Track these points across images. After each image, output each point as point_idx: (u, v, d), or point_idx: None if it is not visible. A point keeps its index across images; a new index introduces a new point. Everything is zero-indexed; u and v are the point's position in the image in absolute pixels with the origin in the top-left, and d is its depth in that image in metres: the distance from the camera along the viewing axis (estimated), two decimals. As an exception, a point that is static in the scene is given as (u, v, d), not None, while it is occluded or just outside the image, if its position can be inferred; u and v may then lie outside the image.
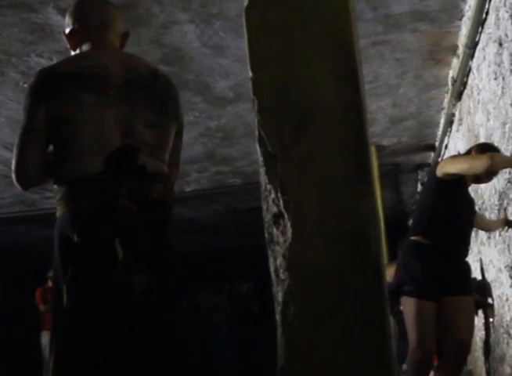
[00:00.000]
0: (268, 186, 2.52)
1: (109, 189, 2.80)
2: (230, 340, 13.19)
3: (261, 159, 2.55)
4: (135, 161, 2.85)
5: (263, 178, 2.54)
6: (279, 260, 2.51)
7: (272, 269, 2.54)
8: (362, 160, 2.51)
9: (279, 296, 2.51)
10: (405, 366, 8.57)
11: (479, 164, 4.42)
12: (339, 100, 2.54)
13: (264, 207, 2.55)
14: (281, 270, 2.50)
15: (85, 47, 3.09)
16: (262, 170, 2.55)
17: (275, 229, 2.53)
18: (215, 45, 5.70)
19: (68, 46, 3.17)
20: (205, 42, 5.64)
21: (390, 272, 6.23)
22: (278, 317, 2.51)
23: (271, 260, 2.54)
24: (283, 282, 2.50)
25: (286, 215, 2.49)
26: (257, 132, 2.54)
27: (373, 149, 9.01)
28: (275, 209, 2.52)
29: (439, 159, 9.10)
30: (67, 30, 3.15)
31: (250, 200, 11.28)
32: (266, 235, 2.55)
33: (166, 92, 3.05)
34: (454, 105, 6.99)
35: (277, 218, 2.52)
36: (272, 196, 2.52)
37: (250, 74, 2.59)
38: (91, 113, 2.85)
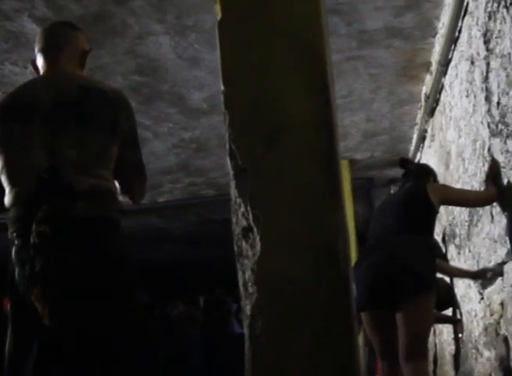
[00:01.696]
0: (238, 200, 2.53)
1: (27, 214, 2.89)
2: (204, 351, 13.13)
3: (231, 172, 2.56)
4: (58, 182, 2.90)
5: (233, 192, 2.55)
6: (248, 273, 2.51)
7: (240, 283, 2.54)
8: (332, 175, 2.52)
9: (247, 309, 2.51)
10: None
11: (482, 202, 4.51)
12: (310, 114, 2.55)
13: (233, 220, 2.56)
14: (249, 284, 2.51)
15: (42, 73, 3.22)
16: (232, 183, 2.56)
17: (244, 243, 2.53)
18: (190, 56, 5.71)
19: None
20: (180, 54, 5.65)
21: None
22: (246, 331, 2.52)
23: (240, 274, 2.54)
24: (252, 295, 2.50)
25: (255, 229, 2.50)
26: (227, 146, 2.55)
27: (346, 163, 9.04)
28: (244, 223, 2.53)
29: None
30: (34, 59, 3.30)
31: (224, 212, 11.21)
32: (235, 248, 2.55)
33: (99, 107, 3.04)
34: (427, 121, 7.04)
35: (246, 231, 2.53)
36: (242, 209, 2.53)
37: (222, 87, 2.61)
38: (18, 142, 3.00)
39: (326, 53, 2.63)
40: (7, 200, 3.00)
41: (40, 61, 3.23)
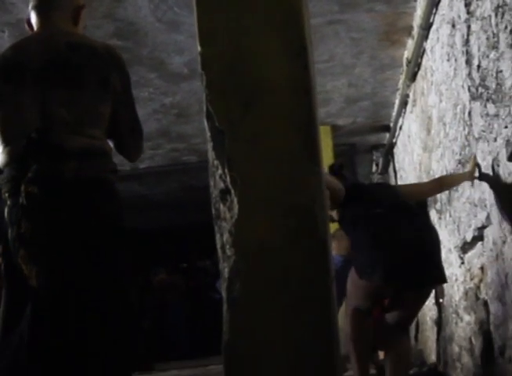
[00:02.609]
0: (216, 162, 2.52)
1: (18, 174, 2.87)
2: (186, 318, 13.18)
3: (208, 134, 2.54)
4: (48, 142, 2.87)
5: (210, 154, 2.54)
6: (226, 236, 2.51)
7: (218, 246, 2.53)
8: (310, 138, 2.51)
9: (225, 272, 2.51)
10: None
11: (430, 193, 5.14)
12: (288, 77, 2.53)
13: (211, 183, 2.55)
14: (227, 246, 2.50)
15: (35, 30, 3.18)
16: (210, 145, 2.54)
17: (221, 205, 2.53)
18: (170, 20, 5.64)
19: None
20: (159, 17, 5.58)
21: (343, 244, 6.21)
22: (224, 293, 2.52)
23: (217, 236, 2.54)
24: (229, 258, 2.50)
25: (233, 191, 2.49)
26: (205, 107, 2.53)
27: (328, 129, 9.01)
28: (222, 185, 2.52)
29: (393, 140, 9.15)
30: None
31: (206, 178, 11.02)
32: (213, 211, 2.54)
33: (89, 64, 2.99)
34: (408, 86, 7.02)
35: (224, 194, 2.52)
36: (220, 172, 2.51)
37: (199, 48, 2.58)
38: (9, 101, 2.98)
39: (305, 16, 2.61)
40: (0, 159, 2.98)
41: (33, 19, 3.18)
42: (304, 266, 2.47)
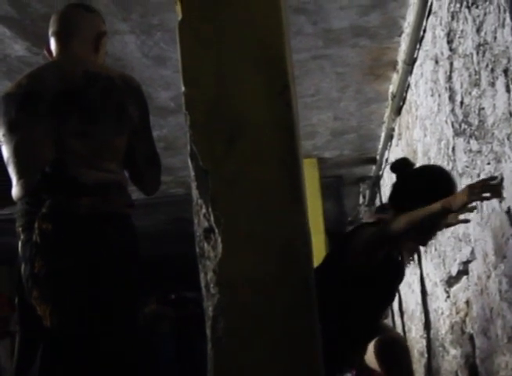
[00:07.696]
0: (200, 201, 2.53)
1: (31, 209, 2.82)
2: (175, 349, 13.10)
3: (192, 174, 2.55)
4: (62, 177, 2.81)
5: (194, 193, 2.55)
6: (210, 275, 2.51)
7: (202, 284, 2.54)
8: (293, 176, 2.52)
9: (210, 311, 2.51)
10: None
11: None
12: (270, 115, 2.55)
13: (195, 221, 2.56)
14: (211, 285, 2.51)
15: (54, 57, 3.13)
16: (193, 185, 2.55)
17: (206, 244, 2.53)
18: (156, 55, 5.68)
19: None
20: (146, 53, 5.62)
21: None
22: (208, 332, 2.52)
23: (202, 275, 2.54)
24: (213, 296, 2.50)
25: (216, 230, 2.50)
26: (188, 147, 2.55)
27: (314, 161, 9.04)
28: (206, 224, 2.53)
29: (380, 172, 9.18)
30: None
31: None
32: (197, 250, 2.55)
33: (105, 95, 2.92)
34: (394, 120, 7.06)
35: (208, 232, 2.53)
36: (203, 211, 2.53)
37: (183, 88, 2.60)
38: (22, 132, 2.91)
39: (287, 53, 2.63)
40: (14, 192, 2.93)
41: (52, 45, 3.13)
42: (288, 304, 2.47)
